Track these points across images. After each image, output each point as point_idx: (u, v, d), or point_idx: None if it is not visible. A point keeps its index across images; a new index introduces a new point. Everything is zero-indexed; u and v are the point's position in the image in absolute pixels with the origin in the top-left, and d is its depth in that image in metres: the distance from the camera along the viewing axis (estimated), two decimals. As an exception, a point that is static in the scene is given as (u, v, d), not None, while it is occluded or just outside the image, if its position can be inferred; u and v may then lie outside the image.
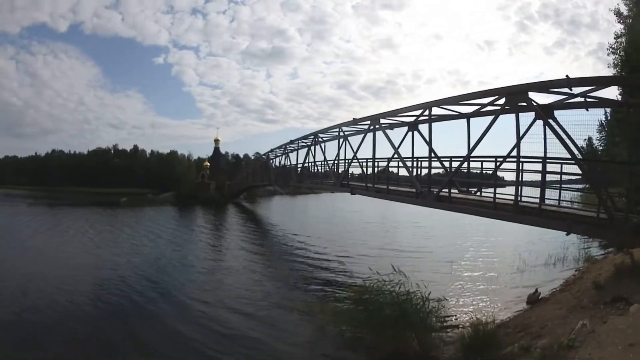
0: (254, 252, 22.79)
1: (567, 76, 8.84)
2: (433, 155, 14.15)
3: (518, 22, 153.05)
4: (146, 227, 33.00)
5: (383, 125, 16.38)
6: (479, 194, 13.37)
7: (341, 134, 20.94)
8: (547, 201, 10.03)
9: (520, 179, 10.42)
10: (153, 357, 9.48)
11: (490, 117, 11.32)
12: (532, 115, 9.91)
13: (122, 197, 61.18)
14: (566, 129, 9.48)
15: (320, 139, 24.71)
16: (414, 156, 15.29)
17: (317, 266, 18.64)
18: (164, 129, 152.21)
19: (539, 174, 9.97)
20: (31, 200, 58.48)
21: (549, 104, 10.02)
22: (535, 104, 9.92)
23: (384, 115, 16.20)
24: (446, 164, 14.02)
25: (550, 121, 9.58)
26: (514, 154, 10.48)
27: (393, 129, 16.33)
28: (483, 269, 17.13)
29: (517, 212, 10.39)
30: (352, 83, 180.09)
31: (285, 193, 79.75)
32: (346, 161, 20.68)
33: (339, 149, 21.18)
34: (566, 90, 9.36)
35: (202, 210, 50.10)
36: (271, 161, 41.48)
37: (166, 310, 12.47)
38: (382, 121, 16.45)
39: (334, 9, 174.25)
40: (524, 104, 10.06)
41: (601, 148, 16.10)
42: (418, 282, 9.93)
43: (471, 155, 12.18)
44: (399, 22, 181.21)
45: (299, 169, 29.60)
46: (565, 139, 9.30)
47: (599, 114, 12.36)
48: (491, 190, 11.69)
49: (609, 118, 13.93)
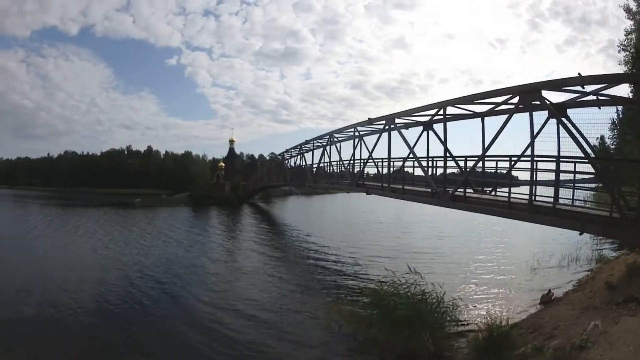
0: (268, 253, 23.21)
1: (579, 74, 9.03)
2: (448, 154, 14.39)
3: (529, 20, 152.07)
4: (159, 227, 33.72)
5: (398, 125, 16.72)
6: (493, 193, 13.58)
7: (356, 133, 21.39)
8: (560, 200, 10.16)
9: (534, 178, 10.61)
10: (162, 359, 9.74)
11: (504, 116, 11.59)
12: (545, 114, 10.11)
13: (136, 197, 62.08)
14: (579, 128, 9.62)
15: (335, 139, 25.14)
16: (429, 156, 15.57)
17: (332, 266, 19.02)
18: (178, 129, 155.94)
19: (552, 173, 10.14)
20: (43, 201, 59.76)
21: (562, 102, 10.17)
22: (548, 102, 10.10)
23: (399, 115, 16.53)
24: (461, 164, 14.27)
25: (564, 120, 9.75)
26: (527, 153, 10.70)
27: (408, 129, 16.64)
28: (497, 269, 17.35)
29: (531, 211, 10.56)
30: (366, 83, 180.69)
31: (300, 193, 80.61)
32: (362, 161, 21.12)
33: (354, 148, 21.70)
34: (578, 88, 9.52)
35: (216, 210, 50.99)
36: (286, 161, 42.12)
37: (178, 311, 12.78)
38: (397, 121, 16.79)
39: (346, 9, 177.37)
40: (537, 102, 10.27)
41: (613, 146, 16.05)
42: (433, 283, 10.16)
43: (486, 154, 12.39)
44: (411, 22, 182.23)
45: (315, 169, 30.13)
46: (578, 138, 9.48)
47: (611, 112, 12.40)
48: (506, 189, 11.88)
49: (621, 116, 13.94)
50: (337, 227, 35.79)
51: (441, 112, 14.00)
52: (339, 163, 25.22)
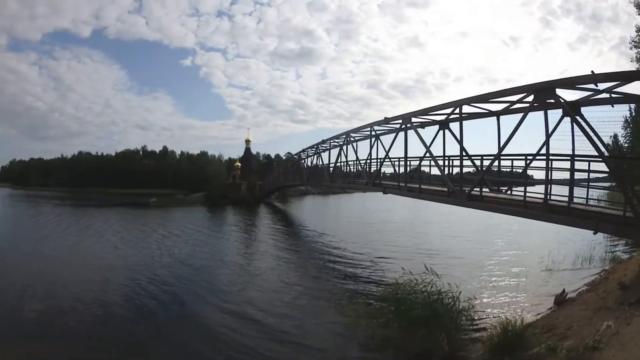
0: (284, 253, 23.71)
1: (592, 72, 9.18)
2: (464, 153, 14.66)
3: (542, 18, 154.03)
4: (173, 227, 34.55)
5: (414, 124, 17.06)
6: (509, 192, 13.80)
7: (373, 133, 21.82)
8: (574, 199, 10.35)
9: (549, 177, 10.82)
10: (180, 357, 9.98)
11: (519, 115, 11.84)
12: (558, 112, 10.35)
13: (151, 198, 63.59)
14: (592, 126, 9.80)
15: (352, 139, 25.61)
16: (445, 155, 15.84)
17: (348, 266, 19.38)
18: (194, 130, 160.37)
19: (567, 172, 10.32)
20: (56, 201, 61.37)
21: (576, 100, 10.37)
22: (562, 100, 10.31)
23: (415, 114, 16.86)
24: (477, 163, 14.56)
25: (578, 118, 9.95)
26: (542, 151, 10.95)
27: (424, 128, 16.96)
28: (513, 268, 17.54)
29: (546, 211, 10.77)
30: (381, 82, 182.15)
31: (317, 193, 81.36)
32: (378, 160, 21.54)
33: (370, 148, 22.16)
34: (592, 86, 9.68)
35: (233, 210, 51.98)
36: (303, 161, 42.82)
37: (193, 310, 13.09)
38: (413, 120, 17.13)
39: (360, 8, 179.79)
40: (552, 101, 10.49)
41: (627, 145, 16.00)
42: (449, 282, 10.30)
43: (501, 153, 12.64)
44: (424, 20, 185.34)
45: (331, 169, 30.64)
46: (592, 136, 9.66)
47: (624, 110, 12.47)
48: (521, 188, 12.11)
49: (634, 114, 13.94)
50: (353, 226, 36.22)
51: (457, 111, 14.28)
52: (355, 162, 25.71)
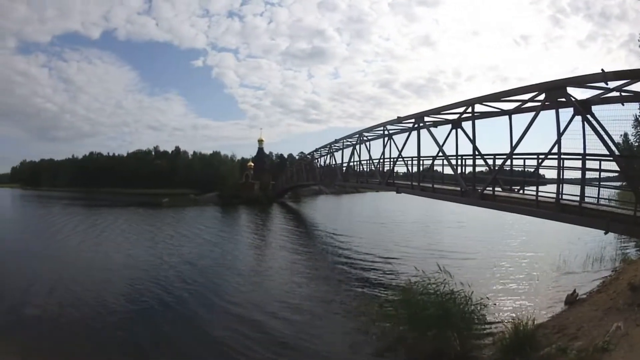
0: (297, 252, 24.19)
1: (602, 70, 9.32)
2: (477, 153, 14.84)
3: (551, 16, 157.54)
4: (186, 226, 35.52)
5: (427, 123, 17.27)
6: (521, 191, 13.96)
7: (386, 132, 22.09)
8: (585, 199, 10.50)
9: (561, 176, 10.99)
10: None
11: (530, 114, 12.04)
12: (569, 111, 10.54)
13: (163, 197, 64.93)
14: (603, 125, 9.94)
15: (365, 138, 25.87)
16: (458, 154, 16.14)
17: (361, 265, 19.77)
18: (206, 130, 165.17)
19: (578, 171, 10.49)
20: (67, 201, 63.01)
21: (587, 99, 10.48)
22: (573, 99, 10.46)
23: (428, 113, 17.08)
24: (489, 162, 14.75)
25: (588, 117, 10.11)
26: (554, 150, 11.11)
27: (437, 127, 17.14)
28: (525, 268, 17.78)
29: (558, 210, 10.95)
30: (394, 81, 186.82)
31: (330, 192, 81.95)
32: (391, 160, 21.83)
33: (383, 147, 22.43)
34: (602, 84, 9.78)
35: (246, 210, 52.86)
36: (316, 160, 43.25)
37: (205, 311, 13.37)
38: (426, 119, 17.35)
39: (371, 7, 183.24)
40: (563, 99, 10.66)
41: (637, 144, 15.94)
42: (461, 282, 10.63)
43: (514, 152, 12.86)
44: (435, 19, 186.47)
45: (344, 168, 31.00)
46: (603, 135, 9.81)
47: (634, 109, 12.50)
48: (533, 188, 12.29)
49: None
50: (366, 226, 36.67)
51: (469, 109, 14.51)
52: (368, 162, 25.97)
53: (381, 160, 23.47)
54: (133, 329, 11.78)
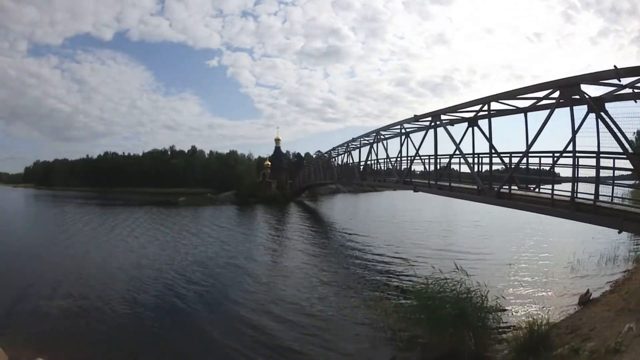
0: (313, 251, 24.58)
1: (615, 66, 9.43)
2: (493, 151, 15.10)
3: (563, 12, 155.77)
4: (201, 225, 36.17)
5: (443, 122, 17.55)
6: (537, 190, 14.09)
7: (403, 130, 22.47)
8: (600, 197, 10.54)
9: (576, 174, 11.16)
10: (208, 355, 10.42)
11: (545, 111, 12.25)
12: (583, 109, 10.65)
13: (179, 197, 66.35)
14: (617, 122, 10.03)
15: (382, 136, 26.27)
16: (475, 152, 16.38)
17: (377, 265, 20.07)
18: (222, 129, 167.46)
19: (592, 169, 10.58)
20: (80, 200, 64.48)
21: (600, 96, 10.58)
22: (587, 96, 10.62)
23: (445, 111, 17.35)
24: (505, 160, 14.95)
25: (602, 114, 10.23)
26: (569, 148, 11.23)
27: (453, 125, 17.46)
28: (539, 268, 17.88)
29: (573, 209, 11.08)
30: (410, 80, 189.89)
31: (347, 191, 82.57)
32: (408, 158, 22.19)
33: (401, 145, 22.85)
34: (615, 81, 9.92)
35: (263, 208, 53.61)
36: (333, 159, 43.73)
37: (216, 311, 13.56)
38: (442, 117, 17.64)
39: (385, 5, 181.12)
40: (577, 97, 10.80)
41: None
42: (477, 281, 10.84)
43: (529, 150, 13.02)
44: (449, 17, 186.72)
45: (362, 167, 31.42)
46: (617, 133, 9.92)
47: None
48: (548, 186, 12.48)
49: None
50: (383, 225, 37.11)
51: (485, 107, 14.77)
52: (386, 160, 26.35)
53: (398, 159, 23.87)
54: (140, 329, 11.96)
